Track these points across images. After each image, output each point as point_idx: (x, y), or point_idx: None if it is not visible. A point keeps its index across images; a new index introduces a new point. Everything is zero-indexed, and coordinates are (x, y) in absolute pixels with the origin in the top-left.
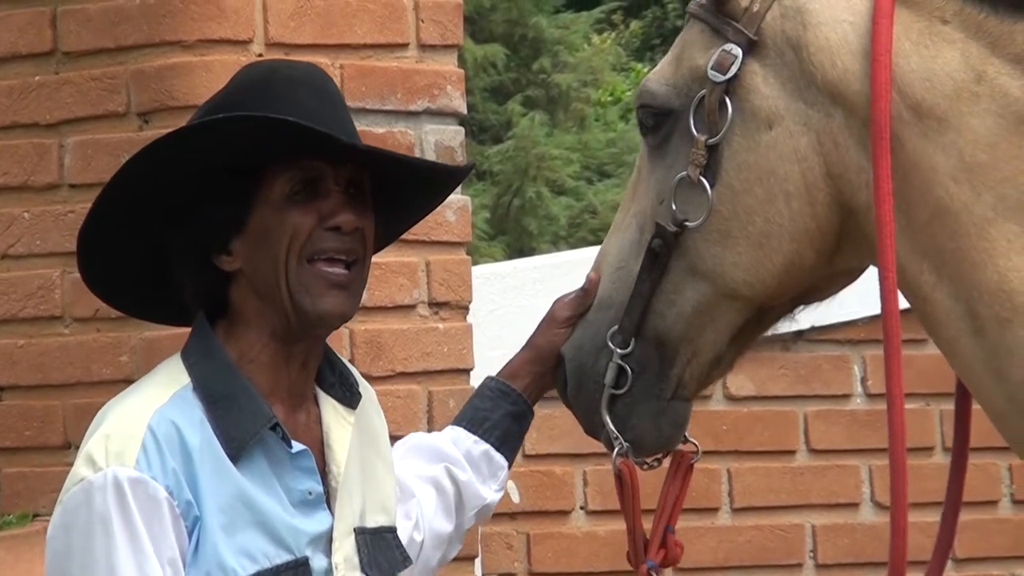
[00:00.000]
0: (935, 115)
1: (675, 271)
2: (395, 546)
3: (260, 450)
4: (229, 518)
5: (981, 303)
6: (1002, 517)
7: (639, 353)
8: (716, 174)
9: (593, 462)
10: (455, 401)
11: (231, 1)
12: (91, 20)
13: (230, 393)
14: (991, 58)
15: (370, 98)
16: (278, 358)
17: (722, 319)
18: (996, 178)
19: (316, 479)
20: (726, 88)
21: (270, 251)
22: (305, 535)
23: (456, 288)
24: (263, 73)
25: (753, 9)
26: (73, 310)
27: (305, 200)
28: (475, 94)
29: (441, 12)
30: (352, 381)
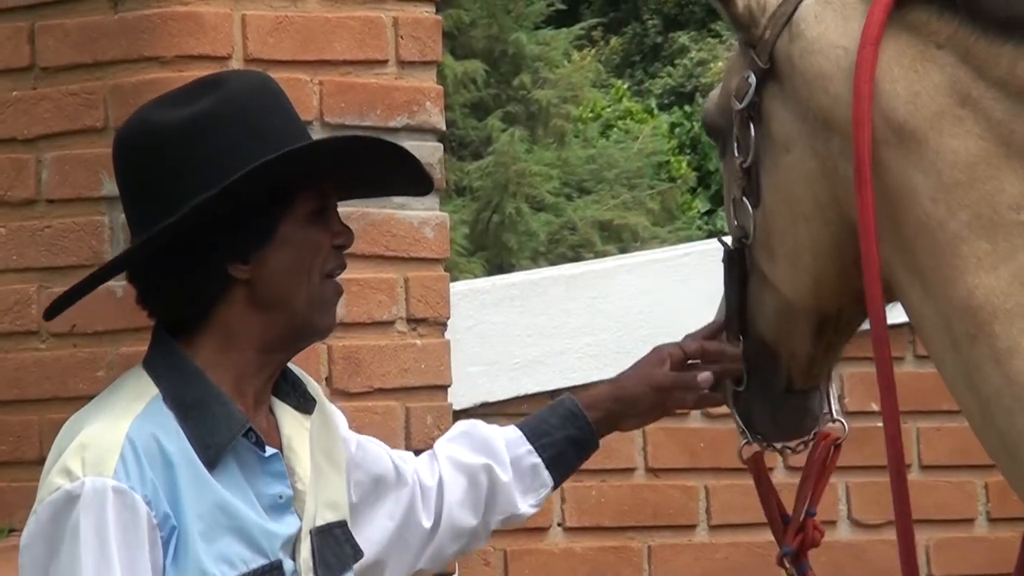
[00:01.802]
0: (916, 137)
1: (753, 281)
2: (344, 540)
3: (232, 456)
4: (208, 525)
5: (954, 318)
6: (978, 535)
7: (750, 353)
8: (757, 194)
9: (570, 479)
10: (432, 417)
11: (210, 17)
12: (69, 35)
13: (202, 400)
14: (977, 81)
15: (349, 114)
16: (250, 367)
17: (798, 324)
18: (972, 197)
19: (286, 483)
20: (748, 114)
21: (295, 265)
22: (278, 538)
23: (434, 304)
24: (254, 88)
25: (765, 36)
26: (49, 325)
27: (323, 219)
28: (455, 110)
29: (420, 28)
30: (303, 388)
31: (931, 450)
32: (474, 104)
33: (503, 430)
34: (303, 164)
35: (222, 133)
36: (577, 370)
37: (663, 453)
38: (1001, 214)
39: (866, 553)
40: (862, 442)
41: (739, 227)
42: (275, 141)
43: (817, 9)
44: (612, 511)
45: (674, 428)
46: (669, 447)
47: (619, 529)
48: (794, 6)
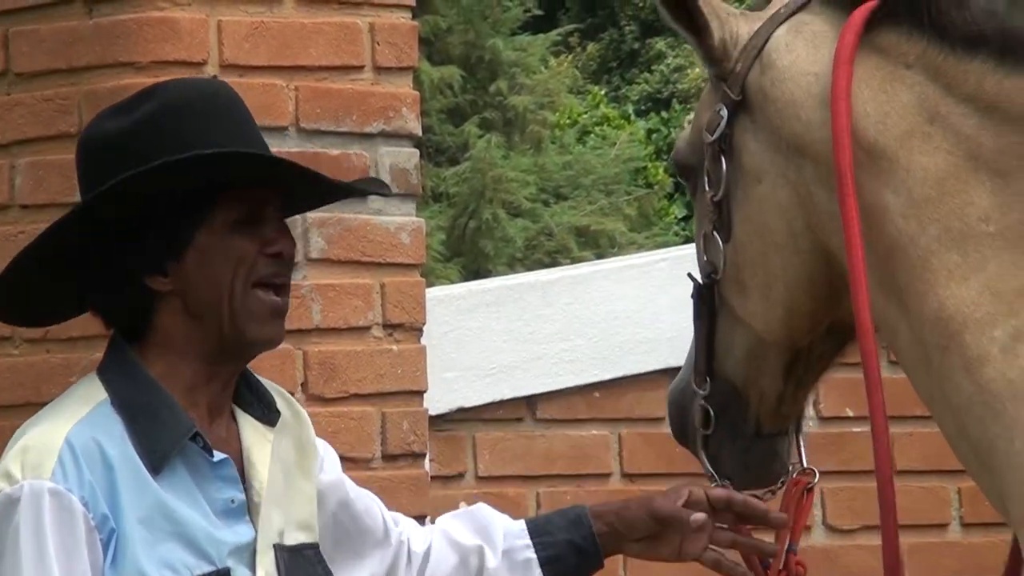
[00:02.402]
0: (887, 156)
1: (722, 318)
2: (316, 562)
3: (181, 462)
4: (150, 530)
5: (925, 332)
6: (951, 540)
7: (717, 395)
8: (728, 228)
9: (545, 484)
10: (408, 423)
11: (185, 23)
12: (44, 41)
13: (150, 406)
14: (946, 98)
15: (325, 120)
16: (199, 377)
17: (768, 361)
18: (942, 211)
19: (239, 488)
20: (719, 147)
21: (214, 276)
22: (226, 545)
23: (410, 310)
24: (190, 96)
25: (736, 69)
26: (23, 332)
27: (249, 227)
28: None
29: (396, 34)
30: (269, 399)
31: (904, 456)
32: (451, 110)
33: (507, 520)
34: (179, 176)
35: (145, 144)
36: (553, 376)
37: (639, 459)
38: (971, 226)
39: (840, 559)
40: (837, 447)
41: (709, 263)
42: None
43: (788, 39)
44: None
45: (651, 434)
46: (646, 453)
47: None
48: (765, 38)
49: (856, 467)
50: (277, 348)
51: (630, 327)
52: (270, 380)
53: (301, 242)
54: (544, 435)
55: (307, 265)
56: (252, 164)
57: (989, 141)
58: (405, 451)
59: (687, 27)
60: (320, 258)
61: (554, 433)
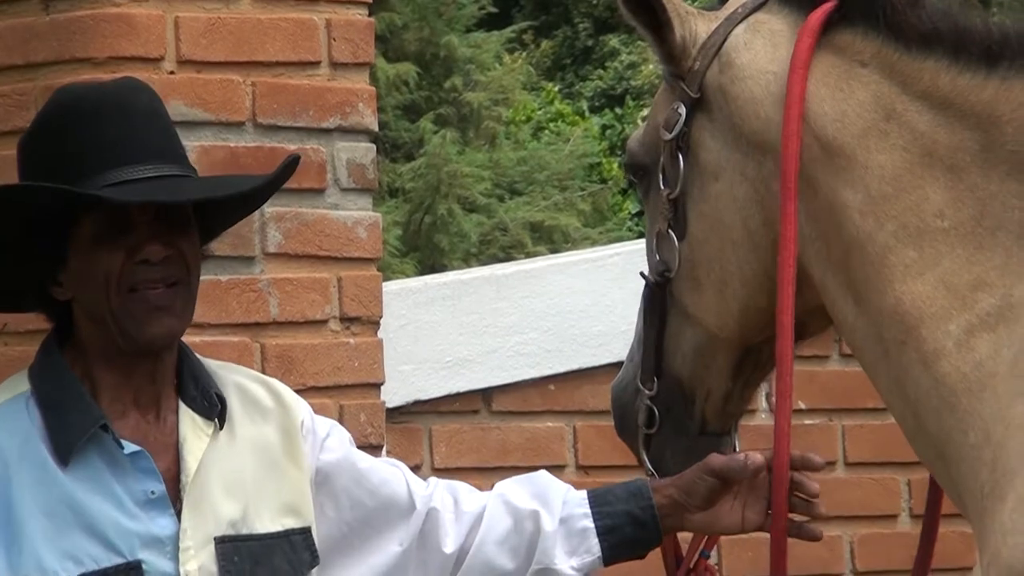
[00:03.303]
0: (845, 154)
1: (673, 317)
2: (303, 548)
3: (96, 454)
4: (54, 523)
5: (883, 327)
6: (901, 531)
7: (663, 394)
8: (683, 226)
9: (501, 475)
10: (366, 415)
11: (142, 18)
12: (2, 38)
13: (62, 400)
14: (901, 96)
15: (282, 115)
16: (119, 374)
17: (717, 359)
18: (899, 208)
19: (157, 479)
20: (677, 144)
21: (90, 287)
22: (139, 538)
23: (367, 304)
24: (60, 109)
25: (694, 68)
26: (14, 324)
27: (112, 238)
28: (387, 112)
29: (353, 30)
30: (212, 394)
31: (855, 447)
32: (406, 106)
33: (568, 488)
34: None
35: (27, 152)
36: (508, 369)
37: (594, 451)
38: (926, 222)
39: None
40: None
41: (661, 261)
42: (73, 160)
43: (747, 37)
44: None
45: (605, 426)
46: (600, 445)
47: None
48: (724, 36)
49: None
50: (235, 340)
51: (584, 321)
52: None
53: (258, 236)
54: (499, 427)
55: (264, 259)
56: (69, 198)
57: (943, 138)
58: (362, 443)
59: (646, 24)
60: (277, 252)
61: (509, 425)
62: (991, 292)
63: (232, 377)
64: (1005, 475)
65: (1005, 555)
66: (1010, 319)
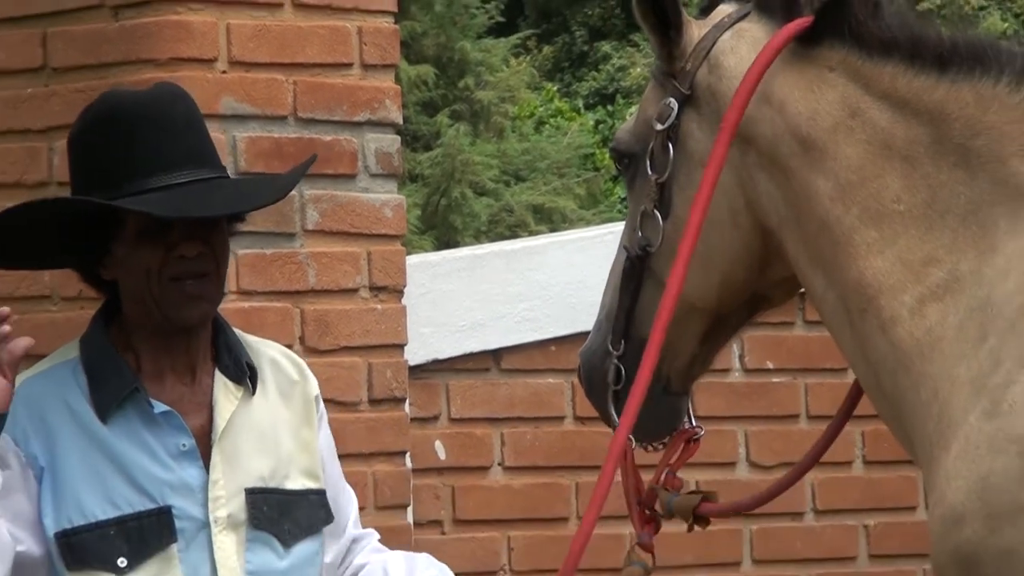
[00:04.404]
0: (817, 147)
1: (648, 287)
2: (319, 506)
3: (134, 413)
4: (93, 471)
5: (848, 298)
6: (855, 475)
7: (631, 356)
8: (668, 207)
9: (508, 425)
10: (391, 372)
11: (198, 25)
12: (76, 40)
13: (103, 367)
14: (864, 96)
15: (319, 110)
16: (158, 345)
17: (689, 326)
18: (863, 194)
19: (188, 434)
20: (668, 135)
21: (133, 275)
22: (170, 486)
23: (392, 274)
24: (109, 113)
25: (686, 68)
26: (61, 291)
27: (152, 236)
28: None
29: (380, 36)
30: (244, 363)
31: (816, 402)
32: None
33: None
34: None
35: (77, 152)
36: (514, 332)
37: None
38: (886, 206)
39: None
40: (759, 395)
41: (644, 237)
42: (111, 164)
43: (733, 43)
44: (544, 453)
45: None
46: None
47: (551, 468)
48: (712, 41)
49: (775, 412)
50: (278, 306)
51: (581, 291)
52: (273, 340)
53: (298, 215)
54: (507, 383)
55: (303, 235)
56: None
57: (900, 132)
58: (388, 396)
59: (655, 27)
60: (315, 229)
61: (516, 381)
62: (940, 267)
63: (267, 351)
64: (950, 427)
65: (949, 496)
66: (956, 290)
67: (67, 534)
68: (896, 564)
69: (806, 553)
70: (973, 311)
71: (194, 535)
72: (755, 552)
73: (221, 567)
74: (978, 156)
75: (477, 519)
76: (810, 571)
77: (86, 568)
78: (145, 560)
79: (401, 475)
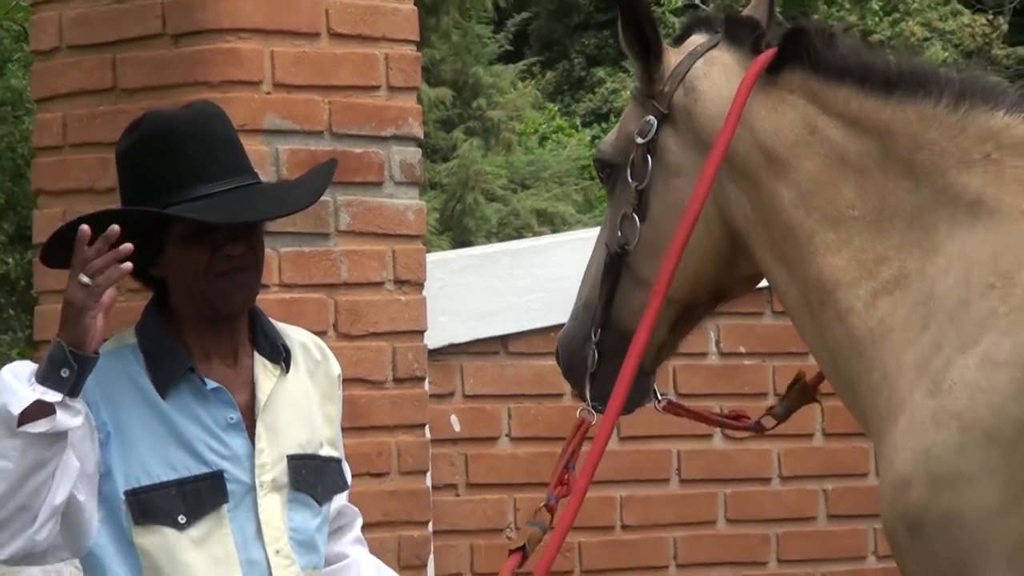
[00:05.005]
0: (781, 161)
1: (625, 281)
2: (337, 471)
3: (187, 390)
4: (155, 438)
5: (809, 292)
6: (815, 446)
7: (607, 342)
8: (645, 211)
9: (514, 401)
10: (412, 354)
11: (246, 52)
12: (142, 65)
13: (159, 350)
14: (821, 115)
15: (351, 126)
16: (205, 332)
17: (663, 315)
18: (821, 201)
19: (235, 408)
20: (647, 148)
21: (183, 273)
22: (221, 454)
23: (414, 270)
24: (157, 131)
25: (665, 90)
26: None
27: (200, 238)
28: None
29: (404, 62)
30: (279, 345)
31: (783, 381)
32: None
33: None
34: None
35: (127, 166)
36: (520, 320)
37: None
38: (841, 212)
39: (734, 459)
40: (733, 375)
41: (623, 237)
42: (160, 177)
43: (706, 69)
44: (546, 425)
45: None
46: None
47: (551, 439)
48: (687, 67)
49: (747, 390)
50: (315, 297)
51: (578, 285)
52: (306, 327)
53: (332, 218)
54: (513, 365)
55: (337, 235)
56: (172, 218)
57: (853, 147)
58: (410, 376)
59: (639, 55)
60: (347, 230)
61: (521, 363)
62: (890, 265)
63: (296, 336)
64: (898, 404)
65: (897, 465)
66: (904, 286)
67: (135, 492)
68: (850, 524)
69: (773, 514)
70: (918, 304)
71: (242, 497)
72: (728, 512)
73: (265, 525)
74: (921, 168)
75: (487, 483)
76: (776, 529)
77: (151, 522)
78: (200, 518)
79: (421, 445)
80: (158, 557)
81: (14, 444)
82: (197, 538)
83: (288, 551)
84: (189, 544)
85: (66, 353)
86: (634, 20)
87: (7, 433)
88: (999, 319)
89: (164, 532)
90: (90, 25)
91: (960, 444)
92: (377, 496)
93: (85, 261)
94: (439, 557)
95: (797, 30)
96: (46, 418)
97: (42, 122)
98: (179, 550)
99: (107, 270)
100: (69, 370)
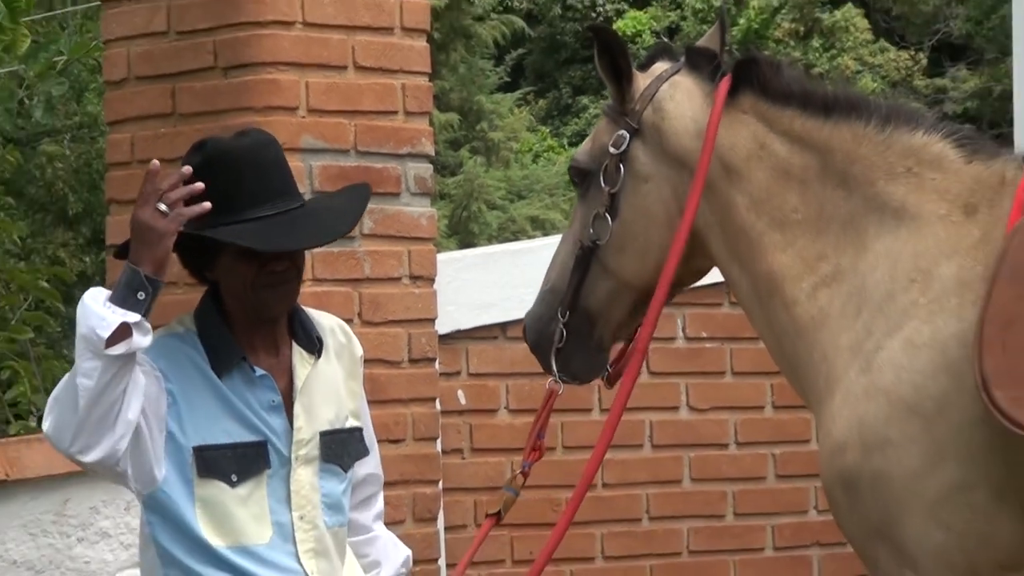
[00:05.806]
0: (736, 171)
1: (593, 271)
2: (359, 440)
3: (239, 375)
4: (213, 408)
5: (759, 285)
6: (766, 417)
7: (575, 322)
8: (616, 211)
9: (512, 379)
10: (425, 339)
11: (285, 82)
12: (198, 93)
13: (216, 338)
14: (769, 133)
15: (373, 145)
16: (252, 328)
17: (622, 301)
18: (769, 207)
19: (276, 393)
20: (620, 158)
21: (233, 282)
22: (267, 428)
23: (426, 267)
24: (218, 157)
25: (635, 108)
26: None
27: (249, 257)
28: (439, 144)
29: (419, 91)
30: (314, 337)
31: (739, 363)
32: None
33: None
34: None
35: (210, 182)
36: (517, 310)
37: None
38: (787, 216)
39: (697, 428)
40: (696, 357)
41: (595, 233)
42: (218, 200)
43: (671, 91)
44: (539, 399)
45: None
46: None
47: None
48: (655, 90)
49: (708, 370)
50: (343, 290)
51: None
52: (335, 315)
53: (358, 224)
54: (511, 348)
55: (361, 238)
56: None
57: (797, 161)
58: (423, 357)
59: (613, 79)
60: (370, 233)
61: (517, 347)
62: (828, 262)
63: (326, 322)
64: (835, 381)
65: (834, 432)
66: (839, 280)
67: (201, 449)
68: (795, 483)
69: (730, 474)
70: (851, 295)
71: (279, 468)
72: (692, 472)
73: (295, 494)
74: (854, 179)
75: (488, 448)
76: (733, 487)
77: (211, 477)
78: (247, 479)
79: (432, 415)
80: (213, 506)
81: (95, 364)
82: (243, 496)
83: (312, 516)
84: (236, 500)
85: (142, 277)
86: (609, 50)
87: (93, 355)
88: (919, 308)
89: (219, 486)
90: (153, 60)
91: (887, 415)
92: (395, 459)
93: (160, 192)
94: (448, 511)
95: (750, 60)
96: (125, 340)
97: (113, 142)
98: (229, 503)
99: (188, 205)
100: (144, 292)
